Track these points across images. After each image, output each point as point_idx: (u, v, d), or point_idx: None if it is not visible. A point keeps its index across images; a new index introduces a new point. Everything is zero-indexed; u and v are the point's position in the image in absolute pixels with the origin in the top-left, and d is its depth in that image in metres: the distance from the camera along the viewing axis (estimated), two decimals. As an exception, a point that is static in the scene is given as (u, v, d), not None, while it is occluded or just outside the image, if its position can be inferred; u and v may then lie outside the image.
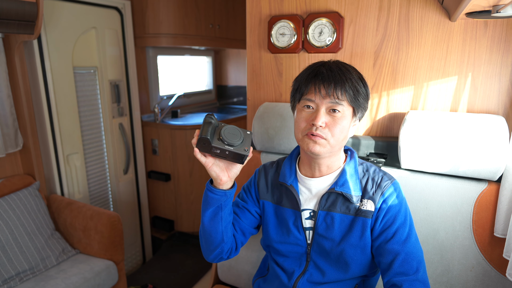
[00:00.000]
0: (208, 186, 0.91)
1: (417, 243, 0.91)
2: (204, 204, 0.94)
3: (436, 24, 1.20)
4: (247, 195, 1.09)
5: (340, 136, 0.89)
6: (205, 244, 1.00)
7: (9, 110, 1.80)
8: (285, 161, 1.06)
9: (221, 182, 0.88)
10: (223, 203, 0.91)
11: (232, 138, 0.82)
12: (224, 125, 0.84)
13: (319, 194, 0.98)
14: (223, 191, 0.89)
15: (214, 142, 0.81)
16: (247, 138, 0.85)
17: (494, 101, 1.18)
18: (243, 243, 1.07)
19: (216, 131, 0.83)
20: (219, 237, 0.96)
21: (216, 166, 0.87)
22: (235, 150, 0.81)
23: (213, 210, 0.92)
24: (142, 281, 2.44)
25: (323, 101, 0.87)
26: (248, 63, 1.56)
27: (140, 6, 2.51)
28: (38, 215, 1.78)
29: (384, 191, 0.93)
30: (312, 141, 0.88)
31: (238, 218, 1.05)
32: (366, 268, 0.97)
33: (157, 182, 2.83)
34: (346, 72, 0.89)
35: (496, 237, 1.06)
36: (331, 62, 0.92)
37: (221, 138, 0.81)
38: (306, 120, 0.90)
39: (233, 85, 3.79)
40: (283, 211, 1.02)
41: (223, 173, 0.88)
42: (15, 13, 1.51)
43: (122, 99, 2.45)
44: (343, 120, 0.89)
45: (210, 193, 0.90)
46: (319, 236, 0.97)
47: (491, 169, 1.04)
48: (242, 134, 0.84)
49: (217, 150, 0.82)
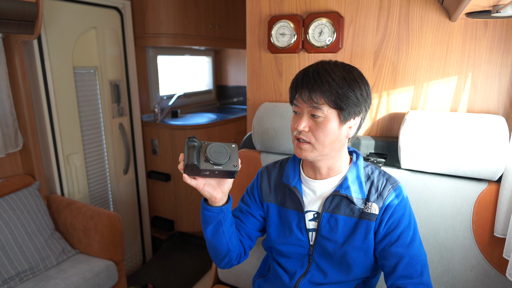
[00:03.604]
0: (203, 205, 0.90)
1: (421, 246, 0.91)
2: (203, 222, 0.93)
3: (436, 24, 1.20)
4: (251, 199, 1.09)
5: (325, 139, 0.87)
6: (214, 254, 1.01)
7: (9, 110, 1.80)
8: (289, 162, 1.05)
9: (216, 200, 0.87)
10: (221, 218, 0.91)
11: (218, 157, 0.80)
12: (207, 143, 0.82)
13: (324, 196, 0.97)
14: (219, 208, 0.89)
15: (202, 165, 0.80)
16: (234, 153, 0.83)
17: (494, 101, 1.18)
18: (251, 246, 1.07)
19: (201, 152, 0.81)
20: (225, 249, 0.97)
21: (208, 185, 0.86)
22: (224, 168, 0.80)
23: (213, 227, 0.92)
24: (142, 281, 2.44)
25: (305, 105, 0.88)
26: (248, 63, 1.56)
27: (140, 6, 2.51)
28: (38, 215, 1.78)
29: (389, 194, 0.92)
30: (299, 148, 0.91)
31: (242, 224, 1.05)
32: (368, 270, 0.97)
33: (157, 182, 2.83)
34: (325, 74, 0.85)
35: (496, 237, 1.06)
36: (323, 63, 0.90)
37: (208, 159, 0.80)
38: (294, 125, 0.91)
39: (233, 85, 3.79)
40: (287, 212, 1.02)
41: (217, 191, 0.87)
42: (15, 13, 1.51)
43: (122, 99, 2.45)
44: (326, 123, 0.86)
45: (206, 212, 0.90)
46: (322, 238, 0.97)
47: (491, 169, 1.04)
48: (227, 150, 0.82)
49: (206, 172, 0.81)
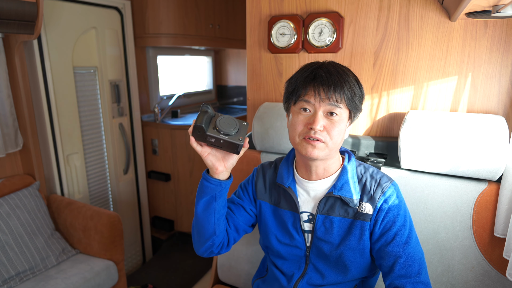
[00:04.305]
0: (204, 175, 0.90)
1: (418, 244, 0.90)
2: (198, 193, 0.93)
3: (436, 24, 1.20)
4: (244, 193, 1.09)
5: (338, 138, 0.88)
6: (197, 235, 0.99)
7: (9, 110, 1.80)
8: (282, 162, 1.04)
9: (217, 171, 0.88)
10: (217, 193, 0.91)
11: (227, 127, 0.82)
12: (220, 115, 0.84)
13: (317, 197, 0.97)
14: (219, 181, 0.89)
15: (209, 131, 0.81)
16: (243, 129, 0.84)
17: (494, 101, 1.18)
18: (235, 239, 1.06)
19: (212, 120, 0.83)
20: (211, 229, 0.95)
21: (212, 155, 0.87)
22: (229, 139, 0.81)
23: (207, 200, 0.92)
24: (142, 281, 2.44)
25: (321, 104, 0.86)
26: (248, 63, 1.56)
27: (140, 6, 2.51)
28: (38, 215, 1.78)
29: (382, 194, 0.92)
30: (311, 146, 0.87)
31: (232, 214, 1.04)
32: (366, 270, 0.97)
33: (157, 182, 2.83)
34: (344, 74, 0.87)
35: (496, 237, 1.06)
36: (328, 64, 0.90)
37: (216, 127, 0.81)
38: (303, 123, 0.88)
39: (233, 85, 3.79)
40: (282, 212, 1.02)
41: (219, 163, 0.88)
42: (15, 13, 1.51)
43: (122, 99, 2.45)
44: (341, 123, 0.88)
45: (205, 182, 0.90)
46: (318, 240, 0.97)
47: (491, 169, 1.04)
48: (237, 124, 0.83)
49: (211, 139, 0.82)
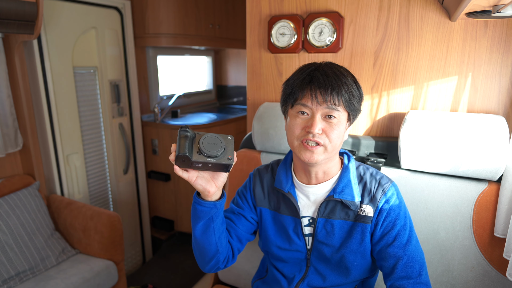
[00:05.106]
0: (195, 199, 0.83)
1: (418, 245, 0.91)
2: (193, 218, 0.87)
3: (436, 24, 1.20)
4: (243, 201, 1.05)
5: (337, 141, 0.87)
6: (200, 256, 0.94)
7: (9, 110, 1.80)
8: (280, 166, 1.02)
9: (209, 193, 0.81)
10: (213, 214, 0.85)
11: (212, 148, 0.74)
12: (201, 134, 0.76)
13: (318, 201, 0.96)
14: (213, 203, 0.83)
15: (194, 157, 0.73)
16: (229, 145, 0.77)
17: (494, 101, 1.18)
18: (240, 250, 1.02)
19: (194, 143, 0.75)
20: (213, 249, 0.91)
21: (201, 178, 0.80)
22: (218, 161, 0.74)
23: (204, 223, 0.86)
24: (142, 281, 2.44)
25: (319, 107, 0.84)
26: (248, 63, 1.56)
27: (140, 6, 2.51)
28: (38, 215, 1.78)
29: (382, 196, 0.92)
30: (309, 151, 0.85)
31: (234, 225, 1.01)
32: (367, 272, 0.97)
33: (157, 182, 2.83)
34: (341, 76, 0.85)
35: (496, 237, 1.06)
36: (324, 65, 0.88)
37: (201, 151, 0.74)
38: (301, 127, 0.86)
39: (233, 85, 3.79)
40: (282, 218, 1.00)
41: (210, 185, 0.81)
42: (15, 13, 1.51)
43: (122, 99, 2.45)
44: (340, 125, 0.86)
45: (198, 206, 0.83)
46: (319, 243, 0.97)
47: (491, 169, 1.04)
48: (222, 141, 0.76)
49: (198, 164, 0.75)
